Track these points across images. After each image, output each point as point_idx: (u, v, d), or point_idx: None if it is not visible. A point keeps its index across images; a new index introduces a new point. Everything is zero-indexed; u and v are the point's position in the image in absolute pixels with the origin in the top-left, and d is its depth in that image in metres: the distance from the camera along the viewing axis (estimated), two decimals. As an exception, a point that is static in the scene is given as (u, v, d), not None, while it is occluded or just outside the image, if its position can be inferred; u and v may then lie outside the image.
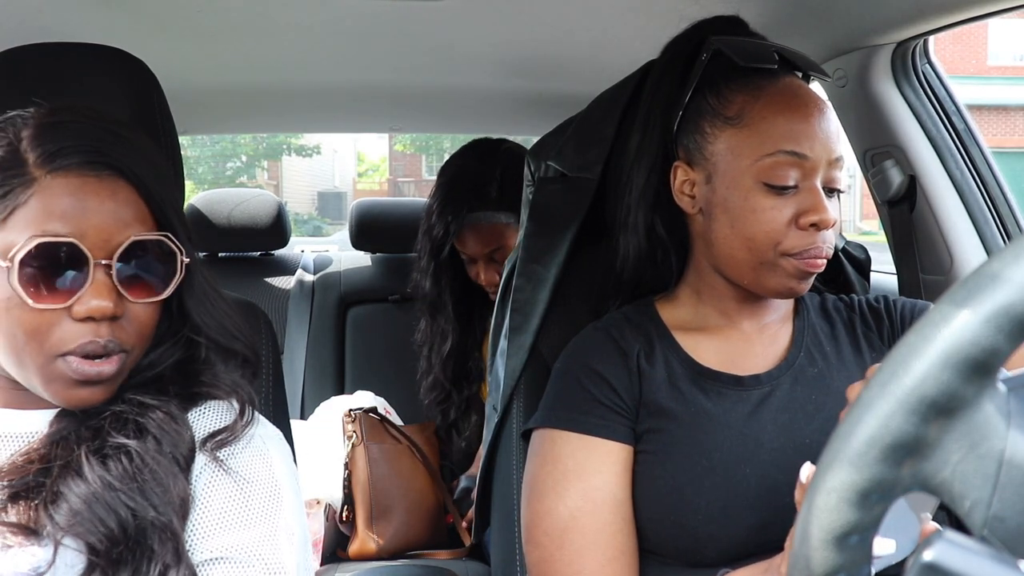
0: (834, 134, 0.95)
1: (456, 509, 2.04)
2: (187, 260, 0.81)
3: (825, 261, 0.94)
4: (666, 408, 0.95)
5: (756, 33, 1.06)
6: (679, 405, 0.95)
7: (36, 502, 0.73)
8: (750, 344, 1.01)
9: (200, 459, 0.80)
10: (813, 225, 0.92)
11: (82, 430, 0.77)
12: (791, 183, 0.92)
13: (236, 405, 0.84)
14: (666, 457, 0.93)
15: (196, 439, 0.81)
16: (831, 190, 0.94)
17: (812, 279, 0.96)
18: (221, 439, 0.81)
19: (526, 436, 1.04)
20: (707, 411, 0.95)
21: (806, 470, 0.78)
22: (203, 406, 0.85)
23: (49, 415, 0.80)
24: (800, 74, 1.02)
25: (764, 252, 0.93)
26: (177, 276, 0.80)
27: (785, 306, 1.05)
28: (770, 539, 0.88)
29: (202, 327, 0.84)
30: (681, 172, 1.00)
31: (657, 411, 0.95)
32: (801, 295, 0.98)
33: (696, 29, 1.04)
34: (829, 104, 0.97)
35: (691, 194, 0.99)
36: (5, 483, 0.74)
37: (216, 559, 0.77)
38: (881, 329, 1.04)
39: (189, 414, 0.83)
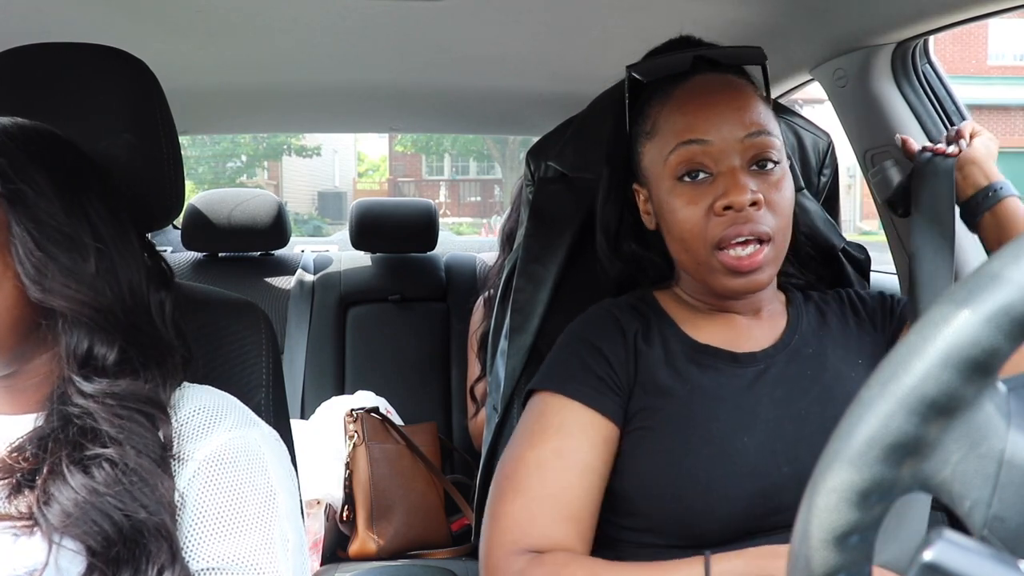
0: (749, 113, 0.95)
1: (469, 507, 2.04)
2: None
3: (762, 251, 0.92)
4: (663, 386, 0.96)
5: (706, 44, 1.07)
6: (676, 383, 0.96)
7: (30, 500, 0.73)
8: (747, 327, 1.02)
9: (192, 465, 0.79)
10: (728, 208, 0.92)
11: (64, 434, 0.76)
12: (698, 171, 0.94)
13: (169, 398, 0.82)
14: (663, 432, 0.94)
15: (176, 431, 0.80)
16: (762, 162, 0.94)
17: (753, 279, 0.94)
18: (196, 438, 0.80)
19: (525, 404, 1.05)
20: (703, 386, 0.96)
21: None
22: (183, 391, 0.84)
23: (30, 419, 0.80)
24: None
25: (698, 251, 0.95)
26: None
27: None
28: (768, 510, 0.89)
29: (44, 300, 0.76)
30: (640, 195, 1.06)
31: (654, 389, 0.96)
32: (748, 293, 0.98)
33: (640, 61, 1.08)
34: (749, 89, 0.98)
35: (648, 211, 1.05)
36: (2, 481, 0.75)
37: (211, 568, 0.77)
38: (874, 319, 1.05)
39: (170, 405, 0.82)
